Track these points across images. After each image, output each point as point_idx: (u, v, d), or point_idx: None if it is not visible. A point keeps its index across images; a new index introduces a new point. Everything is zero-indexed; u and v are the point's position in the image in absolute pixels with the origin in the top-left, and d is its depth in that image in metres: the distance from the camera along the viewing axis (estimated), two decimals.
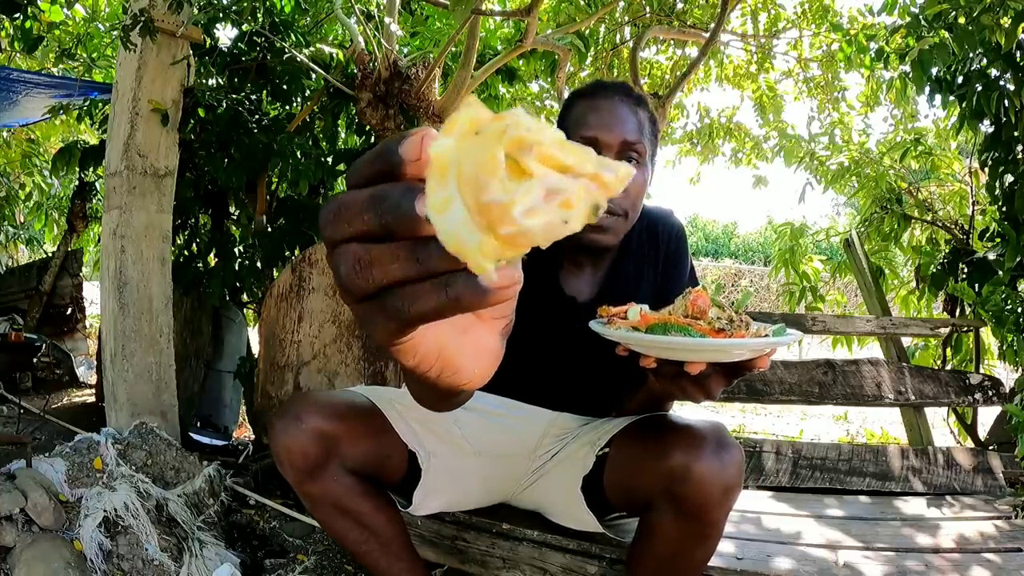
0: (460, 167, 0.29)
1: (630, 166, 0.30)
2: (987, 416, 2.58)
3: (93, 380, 3.83)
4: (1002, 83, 2.24)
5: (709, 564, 1.09)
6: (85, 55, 3.93)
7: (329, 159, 2.93)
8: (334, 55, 2.90)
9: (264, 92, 2.90)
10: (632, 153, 1.10)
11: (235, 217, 3.02)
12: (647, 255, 1.25)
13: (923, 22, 2.25)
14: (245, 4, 2.70)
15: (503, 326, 0.45)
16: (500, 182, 0.28)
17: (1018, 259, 2.15)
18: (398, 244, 0.32)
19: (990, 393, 2.04)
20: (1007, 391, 2.04)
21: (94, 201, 4.40)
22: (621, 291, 1.12)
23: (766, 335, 0.80)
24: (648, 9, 4.34)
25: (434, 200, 0.30)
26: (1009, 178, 2.29)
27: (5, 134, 5.21)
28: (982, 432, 2.50)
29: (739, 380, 2.08)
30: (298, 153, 2.69)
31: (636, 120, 1.12)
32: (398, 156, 0.31)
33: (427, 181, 0.30)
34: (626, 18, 4.59)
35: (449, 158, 0.29)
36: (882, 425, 4.45)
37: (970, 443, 2.47)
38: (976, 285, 2.39)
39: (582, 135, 1.10)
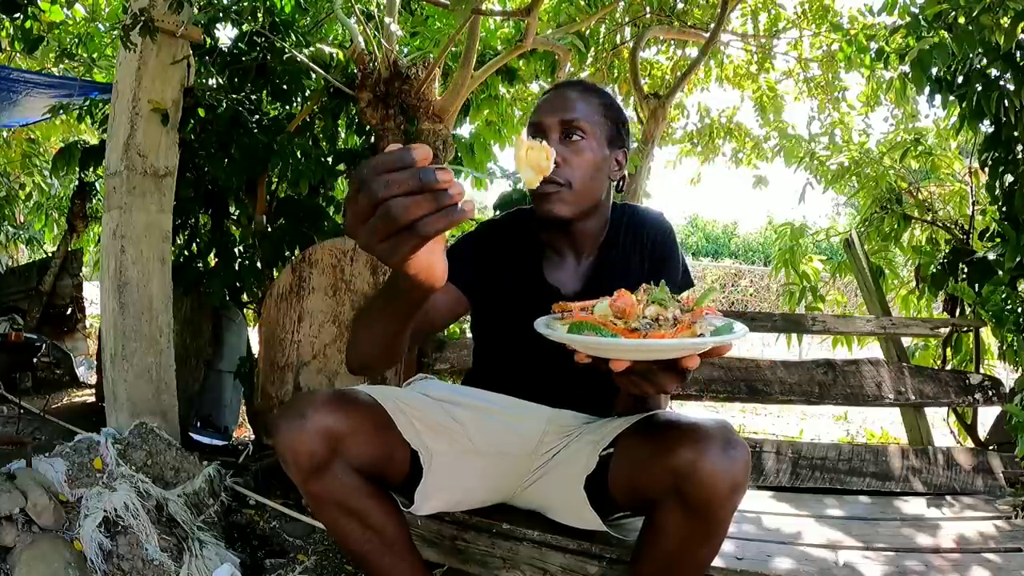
0: None
1: None
2: (987, 416, 2.57)
3: (93, 380, 3.83)
4: (1002, 83, 2.23)
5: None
6: (85, 55, 3.94)
7: (329, 159, 2.93)
8: (334, 55, 2.89)
9: (264, 92, 2.90)
10: (574, 130, 1.18)
11: (235, 217, 3.02)
12: (632, 252, 1.27)
13: (923, 22, 2.24)
14: (245, 4, 2.71)
15: (443, 241, 0.76)
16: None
17: (1018, 259, 2.15)
18: (425, 195, 0.63)
19: (990, 393, 2.03)
20: (1007, 391, 2.04)
21: (94, 201, 4.40)
22: (608, 282, 1.12)
23: (702, 335, 0.81)
24: (648, 9, 4.35)
25: None
26: (1009, 178, 2.28)
27: (5, 134, 5.22)
28: (982, 432, 2.49)
29: (740, 380, 2.08)
30: (298, 153, 2.69)
31: (583, 103, 1.20)
32: (411, 157, 0.63)
33: None
34: (626, 18, 4.60)
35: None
36: (882, 425, 4.45)
37: (970, 443, 2.46)
38: (976, 285, 2.39)
39: (531, 122, 1.21)
